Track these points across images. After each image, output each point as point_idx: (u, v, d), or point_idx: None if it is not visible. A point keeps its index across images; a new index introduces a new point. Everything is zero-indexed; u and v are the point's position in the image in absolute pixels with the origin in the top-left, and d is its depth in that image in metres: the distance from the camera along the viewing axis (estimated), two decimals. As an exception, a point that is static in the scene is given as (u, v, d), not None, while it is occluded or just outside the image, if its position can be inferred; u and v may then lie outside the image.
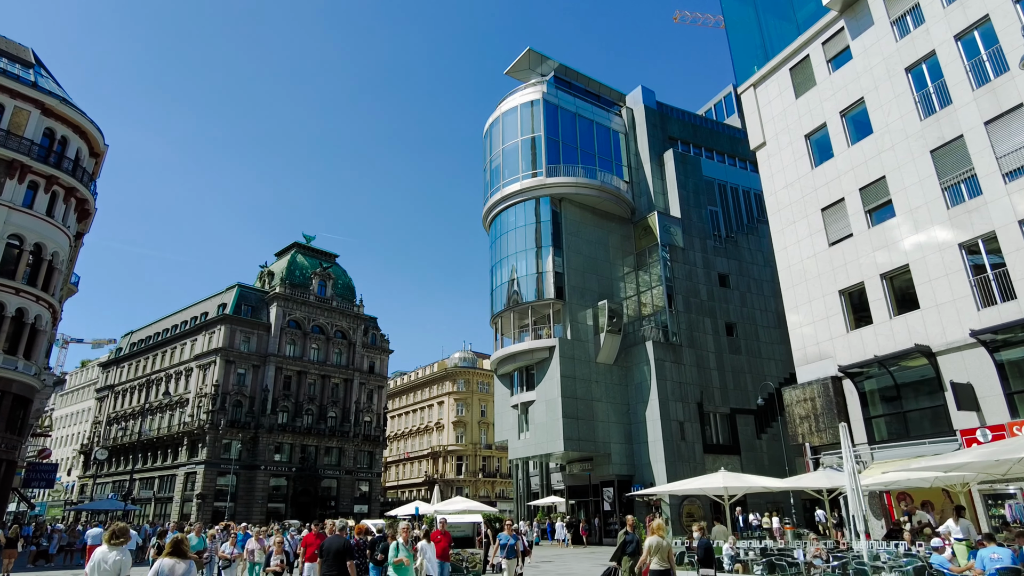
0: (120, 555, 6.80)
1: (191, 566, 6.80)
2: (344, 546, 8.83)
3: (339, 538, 9.13)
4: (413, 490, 78.80)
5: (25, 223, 30.80)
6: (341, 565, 8.65)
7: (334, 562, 8.62)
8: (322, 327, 66.20)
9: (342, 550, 8.71)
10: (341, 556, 8.66)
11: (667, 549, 10.20)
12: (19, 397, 30.30)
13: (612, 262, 41.90)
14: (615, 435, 37.35)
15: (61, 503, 69.98)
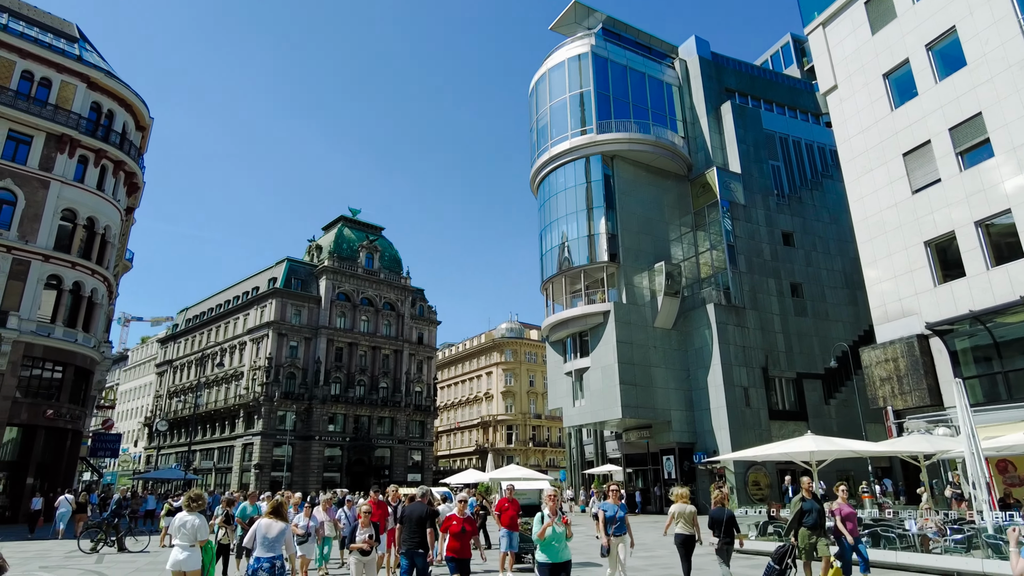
0: (198, 519, 7.63)
1: (287, 528, 7.47)
2: (426, 512, 9.01)
3: (420, 504, 9.28)
4: (464, 459, 79.21)
5: (77, 197, 30.88)
6: (422, 531, 8.91)
7: (416, 528, 8.88)
8: (370, 299, 66.24)
9: (424, 516, 8.92)
10: (423, 522, 8.90)
11: (691, 514, 10.67)
12: (80, 369, 30.73)
13: (668, 222, 40.00)
14: (675, 402, 35.95)
15: (130, 473, 72.72)
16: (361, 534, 9.01)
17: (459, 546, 8.54)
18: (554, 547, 7.55)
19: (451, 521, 8.75)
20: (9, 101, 29.68)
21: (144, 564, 14.27)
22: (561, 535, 7.59)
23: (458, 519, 8.68)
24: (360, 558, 8.83)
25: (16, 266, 28.23)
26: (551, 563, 7.54)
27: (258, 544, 7.30)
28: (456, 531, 8.58)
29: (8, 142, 29.53)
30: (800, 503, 10.79)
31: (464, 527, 8.65)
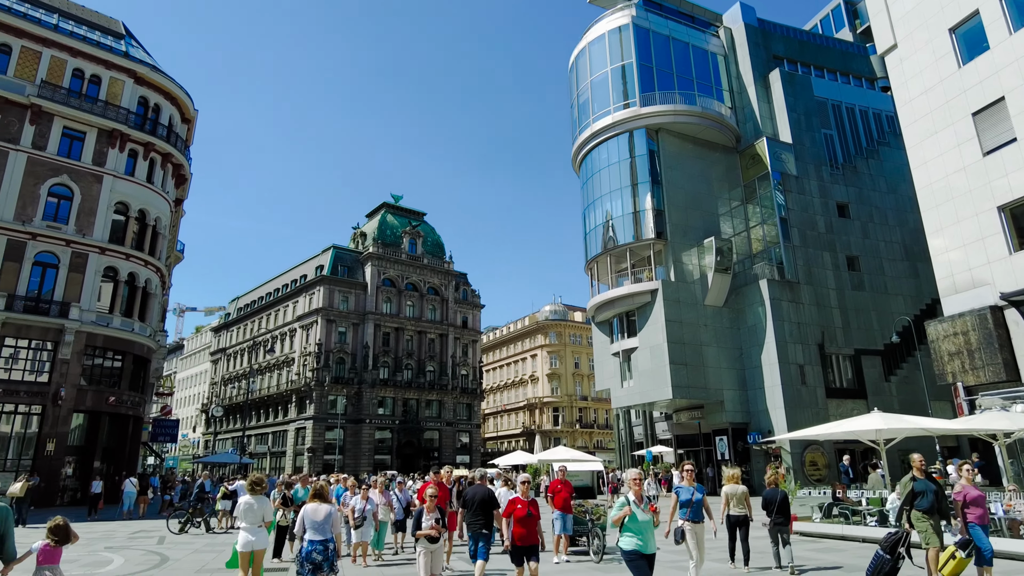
0: (261, 501, 8.10)
1: (333, 509, 7.65)
2: (490, 494, 9.01)
3: (483, 486, 9.38)
4: (511, 441, 79.50)
5: (128, 190, 31.65)
6: (487, 513, 8.86)
7: (479, 510, 8.81)
8: (415, 284, 66.71)
9: (488, 499, 8.90)
10: (487, 504, 8.88)
11: (743, 495, 10.87)
12: (138, 357, 31.69)
13: (716, 196, 38.73)
14: (727, 381, 34.99)
15: (189, 457, 75.52)
16: (427, 519, 8.02)
17: (525, 532, 7.87)
18: (644, 536, 6.71)
19: (515, 505, 8.06)
20: (63, 99, 30.50)
21: (202, 546, 14.52)
22: (649, 523, 6.78)
23: (523, 502, 8.01)
24: (428, 546, 7.96)
25: (75, 259, 29.16)
26: (644, 553, 6.70)
27: (308, 528, 7.45)
28: (521, 515, 7.89)
29: (63, 139, 30.39)
30: (911, 483, 9.43)
31: (529, 511, 7.96)
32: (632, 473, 7.08)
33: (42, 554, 6.15)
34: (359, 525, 11.13)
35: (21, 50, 30.12)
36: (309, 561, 7.27)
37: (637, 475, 7.09)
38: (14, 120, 29.22)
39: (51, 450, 26.92)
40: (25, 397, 27.07)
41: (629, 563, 6.70)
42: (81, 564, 11.61)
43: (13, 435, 27.02)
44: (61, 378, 27.58)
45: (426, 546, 7.94)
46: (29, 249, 28.11)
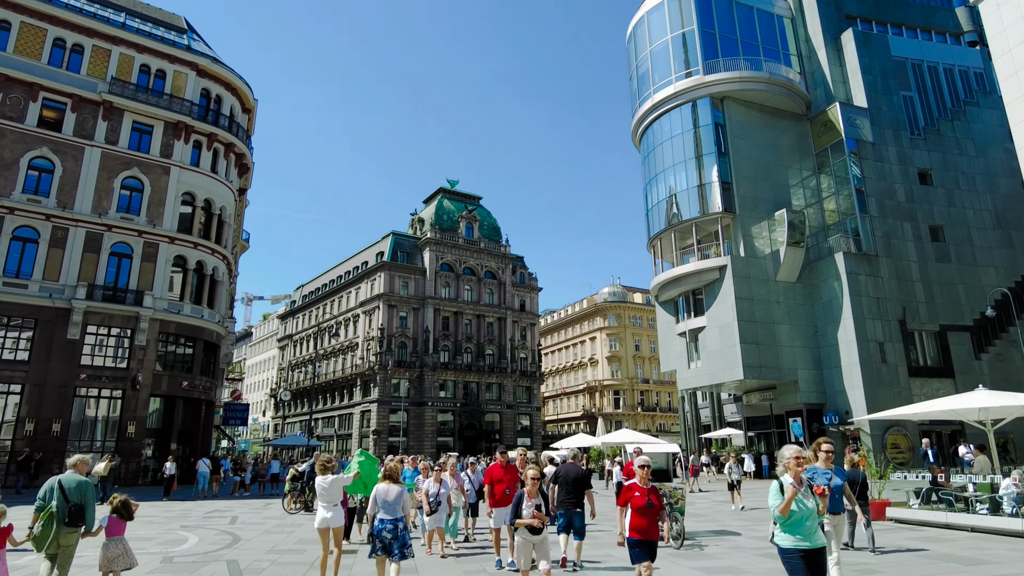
0: (332, 479, 8.44)
1: (403, 490, 7.83)
2: (583, 474, 8.92)
3: (575, 466, 9.30)
4: (572, 424, 79.02)
5: (194, 180, 32.43)
6: (580, 492, 8.82)
7: (574, 489, 8.75)
8: (472, 268, 66.77)
9: (581, 477, 8.86)
10: (580, 483, 8.84)
11: None
12: (208, 343, 32.63)
13: (786, 166, 36.76)
14: (801, 360, 33.34)
15: (260, 441, 78.36)
16: (529, 506, 6.82)
17: (646, 524, 6.52)
18: (807, 528, 5.25)
19: (631, 492, 6.62)
20: (131, 94, 31.41)
21: (273, 526, 14.60)
22: (813, 512, 5.30)
23: (641, 489, 6.60)
24: (530, 537, 6.78)
25: (147, 249, 30.12)
26: (806, 549, 5.21)
27: (380, 508, 7.69)
28: (640, 504, 6.51)
29: (133, 133, 31.32)
30: None
31: (650, 499, 6.54)
32: (790, 451, 5.52)
33: (108, 527, 6.95)
34: (433, 510, 10.35)
35: (92, 49, 31.12)
36: (380, 539, 7.53)
37: (797, 453, 5.47)
38: (88, 117, 30.29)
39: (132, 433, 28.05)
40: (108, 382, 28.26)
41: (788, 562, 5.28)
42: (158, 542, 11.76)
43: (98, 418, 28.29)
44: (138, 364, 28.64)
45: (527, 537, 6.79)
46: (106, 240, 29.19)
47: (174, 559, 10.03)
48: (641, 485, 6.66)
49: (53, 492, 6.72)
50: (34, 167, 28.60)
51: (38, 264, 27.58)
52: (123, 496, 7.23)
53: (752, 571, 9.02)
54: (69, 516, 6.63)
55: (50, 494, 6.72)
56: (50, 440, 25.79)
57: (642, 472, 6.79)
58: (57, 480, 6.83)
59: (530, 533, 6.77)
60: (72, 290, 27.72)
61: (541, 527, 6.79)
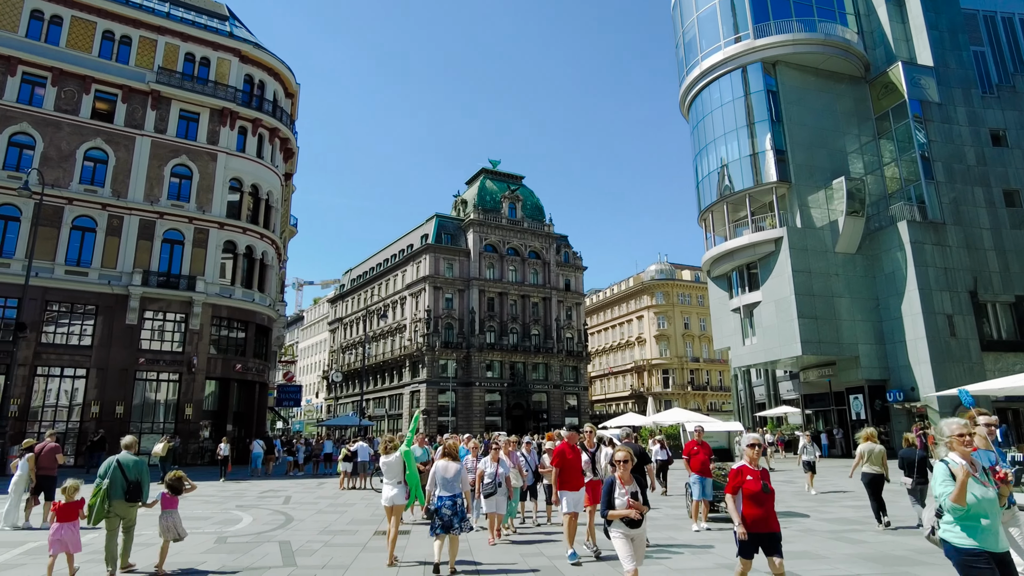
0: (392, 458, 8.57)
1: (461, 467, 8.00)
2: (640, 450, 8.88)
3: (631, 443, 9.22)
4: (619, 403, 78.33)
5: (241, 166, 32.81)
6: (640, 469, 8.53)
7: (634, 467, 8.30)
8: (516, 249, 66.35)
9: (640, 453, 8.74)
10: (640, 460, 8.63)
11: (880, 454, 10.69)
12: (260, 327, 33.19)
13: (844, 132, 34.95)
14: (862, 335, 31.90)
15: (314, 421, 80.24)
16: (622, 493, 5.70)
17: (762, 514, 5.58)
18: (983, 526, 4.07)
19: (742, 476, 5.72)
20: (178, 83, 31.84)
21: (326, 506, 14.61)
22: (994, 503, 4.16)
23: (753, 472, 5.71)
24: (627, 531, 5.62)
25: (197, 235, 30.67)
26: (992, 553, 4.04)
27: (439, 485, 7.83)
28: (754, 490, 5.60)
29: (180, 121, 31.81)
30: None
31: (764, 483, 5.64)
32: (954, 424, 4.44)
33: (163, 501, 7.62)
34: (491, 493, 9.51)
35: (140, 40, 31.63)
36: (440, 517, 7.62)
37: (963, 428, 4.39)
38: (138, 107, 30.88)
39: (189, 415, 28.82)
40: (165, 366, 29.05)
41: (969, 567, 4.06)
42: (214, 522, 11.83)
43: (158, 401, 29.18)
44: (193, 348, 29.33)
45: (624, 531, 5.63)
46: (158, 227, 29.84)
47: (228, 539, 10.01)
48: (752, 467, 5.70)
49: (112, 471, 7.34)
50: (89, 158, 29.36)
51: (96, 252, 28.41)
52: (174, 473, 7.87)
53: (831, 556, 8.41)
54: (129, 491, 7.32)
55: (109, 471, 7.32)
56: (114, 422, 26.69)
57: (752, 452, 5.81)
58: (116, 459, 7.47)
59: (627, 527, 5.63)
60: (128, 276, 28.50)
61: (640, 519, 5.62)
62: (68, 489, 7.40)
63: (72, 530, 7.20)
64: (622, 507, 5.62)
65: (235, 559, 8.49)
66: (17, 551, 9.01)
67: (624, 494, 5.67)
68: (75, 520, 7.27)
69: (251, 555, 8.78)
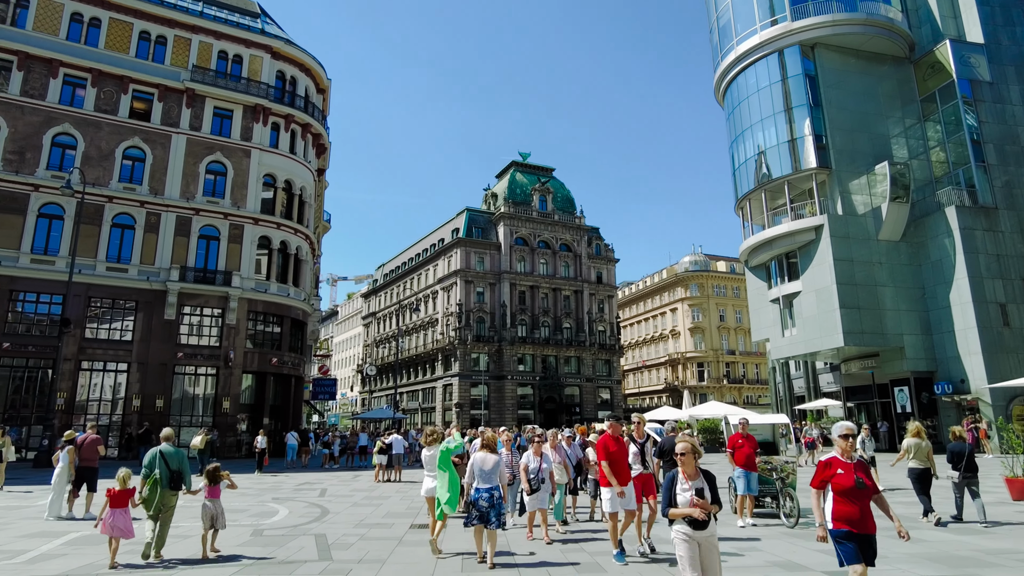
0: (434, 451, 8.82)
1: (499, 460, 7.98)
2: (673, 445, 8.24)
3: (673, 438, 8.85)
4: (653, 397, 77.51)
5: (274, 162, 33.10)
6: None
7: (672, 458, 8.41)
8: (547, 241, 65.95)
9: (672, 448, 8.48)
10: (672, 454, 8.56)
11: (927, 449, 10.65)
12: (295, 321, 33.51)
13: (887, 115, 33.67)
14: (908, 325, 30.77)
15: (349, 415, 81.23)
16: (685, 489, 4.93)
17: (857, 513, 4.85)
18: None
19: (831, 469, 5.04)
20: (211, 81, 32.24)
21: (361, 499, 14.58)
22: None
23: (844, 465, 5.02)
24: (692, 533, 4.81)
25: (232, 230, 31.05)
26: None
27: (477, 476, 7.78)
28: (846, 485, 4.90)
29: (215, 118, 32.21)
30: None
31: (859, 477, 4.92)
32: None
33: (206, 490, 8.20)
34: (535, 489, 9.03)
35: (174, 39, 32.09)
36: (477, 508, 7.60)
37: None
38: (174, 105, 31.36)
39: (227, 408, 29.26)
40: (203, 360, 29.53)
41: None
42: (250, 514, 11.84)
43: (196, 394, 29.68)
44: (229, 342, 29.73)
45: (687, 532, 4.82)
46: (194, 224, 30.29)
47: (264, 532, 9.97)
48: (844, 460, 5.05)
49: (156, 461, 7.80)
50: (128, 156, 29.93)
51: (135, 249, 28.98)
52: (212, 464, 8.48)
53: (890, 556, 7.97)
54: (171, 481, 7.81)
55: (154, 463, 7.79)
56: (155, 415, 27.20)
57: (844, 443, 5.11)
58: (158, 451, 7.93)
59: (690, 527, 4.81)
60: (166, 272, 29.00)
61: (706, 519, 4.79)
62: (121, 478, 7.91)
63: (124, 516, 7.70)
64: (684, 505, 4.85)
65: (271, 552, 8.42)
66: (59, 541, 9.10)
67: (688, 490, 4.90)
68: (126, 507, 7.76)
69: (287, 548, 8.70)
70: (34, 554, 8.24)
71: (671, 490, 4.98)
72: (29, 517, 11.30)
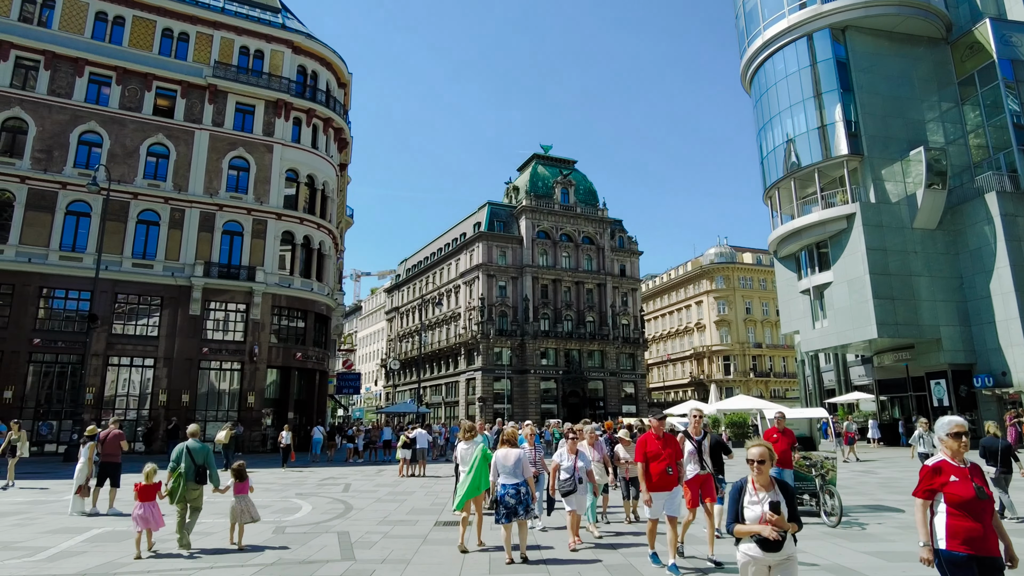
0: (473, 446, 8.79)
1: (521, 455, 7.76)
2: (718, 440, 8.55)
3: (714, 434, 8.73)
4: (678, 391, 76.65)
5: (296, 157, 33.07)
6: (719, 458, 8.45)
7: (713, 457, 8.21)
8: (569, 235, 65.34)
9: (718, 442, 8.53)
10: (717, 449, 8.43)
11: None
12: (319, 315, 33.52)
13: (922, 99, 32.58)
14: (945, 316, 29.80)
15: (373, 409, 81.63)
16: (754, 502, 4.11)
17: (977, 529, 3.81)
18: None
19: (942, 476, 3.97)
20: (233, 76, 32.29)
21: (385, 494, 14.37)
22: None
23: (958, 471, 3.98)
24: (760, 555, 3.99)
25: (256, 226, 31.10)
26: None
27: (500, 473, 7.66)
28: (963, 496, 3.87)
29: (237, 114, 32.25)
30: None
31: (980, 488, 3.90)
32: None
33: (234, 487, 8.41)
34: (570, 490, 8.15)
35: (197, 36, 32.18)
36: (504, 505, 7.46)
37: None
38: (196, 102, 31.46)
39: (252, 403, 29.37)
40: (228, 355, 29.67)
41: None
42: (273, 510, 11.67)
43: (222, 389, 29.84)
44: (254, 337, 29.81)
45: (755, 554, 4.01)
46: (218, 219, 30.39)
47: (286, 529, 9.77)
48: (956, 464, 4.02)
49: (183, 456, 8.10)
50: (152, 153, 30.11)
51: (160, 245, 29.17)
52: (237, 462, 8.79)
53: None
54: (197, 475, 8.09)
55: (180, 457, 8.09)
56: (181, 410, 27.39)
57: (956, 444, 4.04)
58: (185, 446, 8.24)
59: (761, 549, 3.97)
60: (191, 268, 29.15)
61: (780, 539, 3.91)
62: (147, 472, 8.20)
63: (153, 508, 7.97)
64: (754, 520, 4.02)
65: (292, 551, 8.19)
66: (80, 538, 8.98)
67: (758, 502, 4.06)
68: (154, 500, 8.04)
69: (308, 547, 8.47)
70: (54, 551, 8.11)
71: (738, 502, 4.18)
72: (54, 512, 11.27)
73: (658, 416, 7.76)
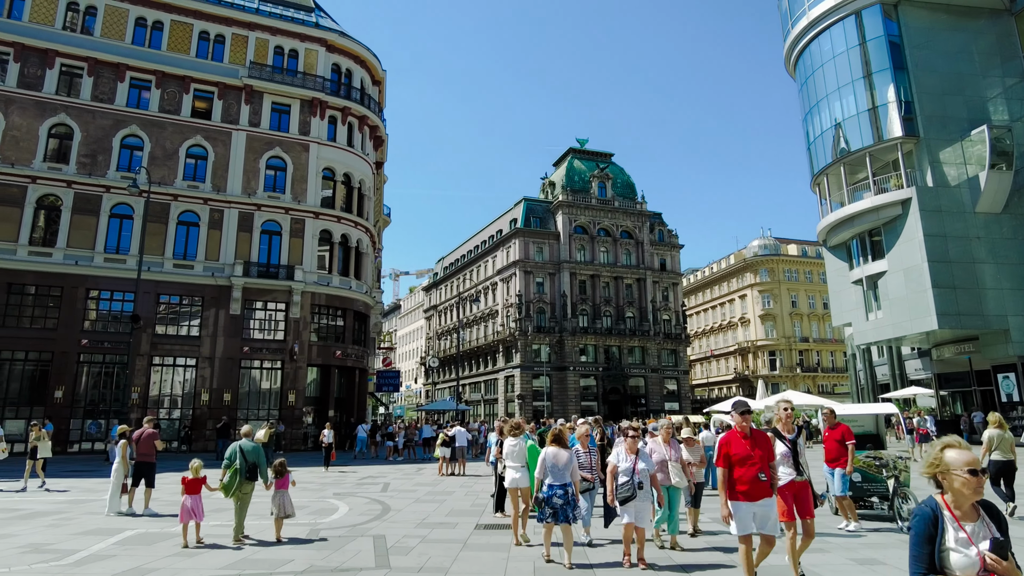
0: (521, 442, 8.94)
1: (571, 456, 7.54)
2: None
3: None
4: (723, 387, 74.85)
5: (332, 155, 33.08)
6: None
7: None
8: (607, 229, 64.30)
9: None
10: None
11: (1010, 441, 9.92)
12: (358, 314, 33.50)
13: (983, 75, 30.69)
14: (1013, 306, 28.02)
15: (413, 407, 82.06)
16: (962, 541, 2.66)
17: None
18: None
19: None
20: (268, 76, 32.48)
21: (424, 494, 13.97)
22: None
23: None
24: None
25: (294, 225, 31.21)
26: None
27: (548, 472, 7.44)
28: None
29: (272, 114, 32.45)
30: None
31: None
32: None
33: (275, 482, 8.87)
34: (628, 496, 6.93)
35: (232, 37, 32.48)
36: (550, 505, 7.29)
37: None
38: (233, 103, 31.73)
39: (292, 401, 29.48)
40: (268, 354, 29.84)
41: None
42: (309, 511, 11.36)
43: (262, 388, 30.02)
44: (294, 336, 29.91)
45: None
46: (256, 219, 30.58)
47: (320, 532, 9.41)
48: None
49: (236, 454, 8.73)
50: (191, 155, 30.48)
51: (200, 245, 29.49)
52: (278, 460, 9.18)
53: None
54: (249, 472, 8.65)
55: (235, 456, 8.73)
56: (223, 409, 27.63)
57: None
58: (238, 445, 8.87)
59: None
60: (231, 268, 29.38)
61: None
62: (194, 468, 8.71)
63: (197, 501, 8.46)
64: (966, 569, 2.62)
65: (325, 557, 7.78)
66: (112, 540, 8.76)
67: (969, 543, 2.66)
68: (199, 493, 8.51)
69: (343, 552, 8.06)
70: (84, 554, 7.88)
71: (934, 541, 2.69)
72: (92, 512, 11.17)
73: (741, 409, 5.85)
